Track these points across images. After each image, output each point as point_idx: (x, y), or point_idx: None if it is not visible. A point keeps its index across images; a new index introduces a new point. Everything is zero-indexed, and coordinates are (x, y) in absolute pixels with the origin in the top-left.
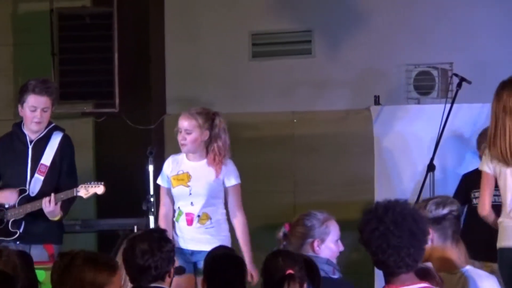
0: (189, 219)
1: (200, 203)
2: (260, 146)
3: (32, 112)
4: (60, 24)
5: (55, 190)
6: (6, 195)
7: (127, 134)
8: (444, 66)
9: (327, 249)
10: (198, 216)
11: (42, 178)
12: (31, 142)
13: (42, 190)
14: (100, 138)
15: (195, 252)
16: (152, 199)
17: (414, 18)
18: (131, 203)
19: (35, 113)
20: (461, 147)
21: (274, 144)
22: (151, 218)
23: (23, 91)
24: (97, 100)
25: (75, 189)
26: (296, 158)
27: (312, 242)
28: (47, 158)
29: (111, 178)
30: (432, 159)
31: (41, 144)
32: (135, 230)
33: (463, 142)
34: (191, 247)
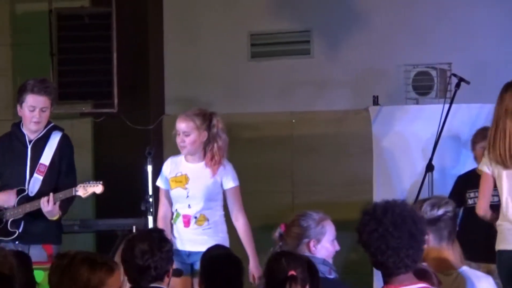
0: (186, 221)
1: (197, 206)
2: (259, 146)
3: (31, 112)
4: (59, 24)
5: (54, 190)
6: (4, 198)
7: (126, 134)
8: (442, 66)
9: (323, 249)
10: (195, 217)
11: (41, 178)
12: (30, 142)
13: (41, 190)
14: (99, 138)
15: (192, 253)
16: (150, 199)
17: (412, 18)
18: (130, 203)
19: (34, 113)
20: (459, 147)
21: (273, 144)
22: (149, 218)
23: (21, 91)
24: (96, 100)
25: (73, 188)
26: (295, 158)
27: (308, 242)
28: (46, 158)
29: (109, 178)
30: (431, 159)
31: (40, 144)
32: (134, 230)
33: (462, 142)
34: (188, 248)
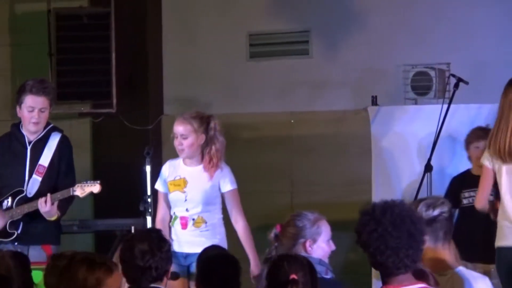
0: (183, 223)
1: (195, 209)
2: (258, 146)
3: (30, 112)
4: (58, 24)
5: (53, 191)
6: None
7: (125, 135)
8: (441, 67)
9: (319, 249)
10: (193, 219)
11: (40, 179)
12: (29, 143)
13: (40, 190)
14: (98, 139)
15: (189, 254)
16: (149, 199)
17: (411, 18)
18: (129, 204)
19: (33, 113)
20: (458, 147)
21: (272, 145)
22: (148, 218)
23: (20, 91)
24: (94, 100)
25: (71, 188)
26: (294, 158)
27: (304, 243)
28: (45, 159)
29: (108, 179)
30: (430, 159)
31: (39, 145)
32: (132, 230)
33: (461, 142)
34: (186, 250)
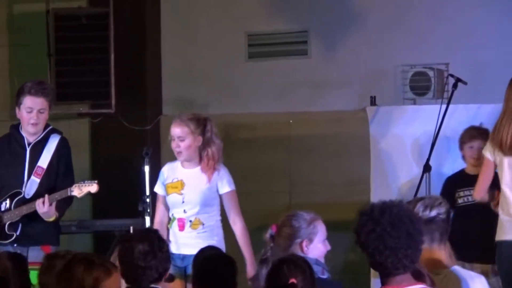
0: (180, 224)
1: (192, 211)
2: (256, 146)
3: (29, 113)
4: (56, 25)
5: (51, 192)
6: None
7: (123, 135)
8: (440, 67)
9: (316, 249)
10: (190, 221)
11: (38, 181)
12: (29, 144)
13: (38, 192)
14: (96, 139)
15: (186, 256)
16: (148, 199)
17: (410, 19)
18: (127, 204)
19: (32, 114)
20: (457, 147)
21: (271, 145)
22: (147, 218)
23: (19, 93)
24: (93, 100)
25: (69, 189)
26: (293, 159)
27: (301, 242)
28: (44, 161)
29: (107, 179)
30: (428, 159)
31: (38, 147)
32: (131, 231)
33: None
34: (183, 251)
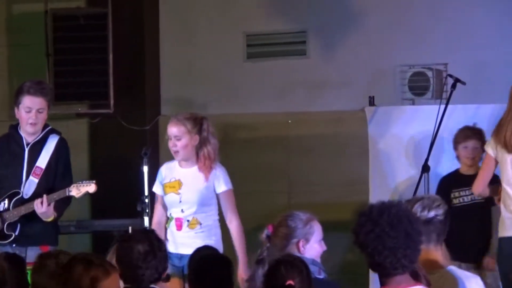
0: (178, 224)
1: (190, 210)
2: (255, 146)
3: (27, 113)
4: (55, 25)
5: (49, 192)
6: None
7: (122, 135)
8: (438, 67)
9: (312, 249)
10: (188, 220)
11: (36, 181)
12: (27, 145)
13: (36, 192)
14: (95, 139)
15: (184, 256)
16: (146, 200)
17: (408, 19)
18: (126, 204)
19: (30, 114)
20: None
21: (270, 145)
22: (145, 219)
23: (18, 93)
24: (92, 101)
25: (67, 189)
26: (291, 159)
27: (298, 243)
28: (43, 161)
29: (105, 179)
30: (427, 160)
31: (37, 147)
32: (130, 231)
33: None
34: (181, 251)
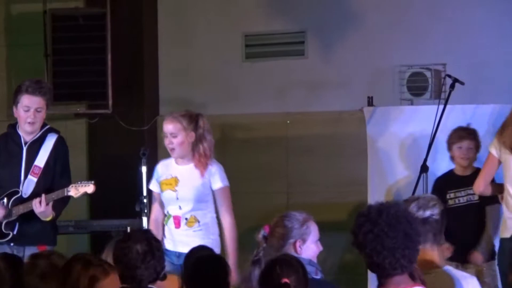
0: (176, 222)
1: (187, 207)
2: (254, 147)
3: (26, 112)
4: (54, 25)
5: (48, 191)
6: None
7: (120, 135)
8: (437, 67)
9: (309, 249)
10: (186, 218)
11: (35, 180)
12: (25, 143)
13: (35, 191)
14: (93, 139)
15: (182, 254)
16: (145, 200)
17: (407, 19)
18: (124, 204)
19: (29, 113)
20: None
21: (268, 145)
22: (144, 219)
23: (17, 92)
24: (90, 101)
25: (65, 189)
26: (290, 159)
27: (294, 243)
28: (41, 160)
29: (104, 179)
30: (425, 160)
31: (35, 146)
32: (128, 231)
33: None
34: (179, 249)
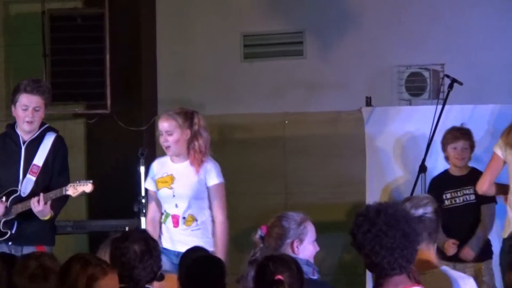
0: (175, 221)
1: (184, 205)
2: (252, 147)
3: (24, 111)
4: (52, 25)
5: (46, 190)
6: None
7: (119, 135)
8: (435, 67)
9: (306, 249)
10: (184, 218)
11: (34, 179)
12: (24, 143)
13: (34, 190)
14: (92, 139)
15: (181, 253)
16: (143, 200)
17: (405, 19)
18: (123, 204)
19: (27, 112)
20: None
21: (266, 146)
22: (142, 219)
23: (15, 91)
24: (88, 101)
25: (63, 188)
26: (288, 160)
27: (292, 243)
28: (40, 159)
29: (102, 179)
30: (424, 160)
31: (34, 145)
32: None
33: None
34: (178, 249)
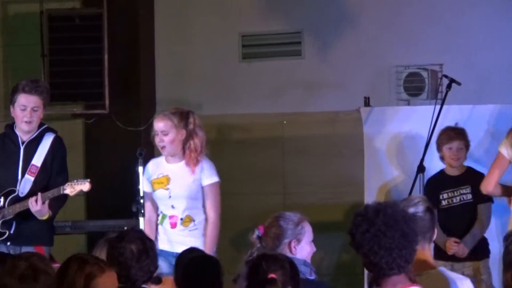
0: (172, 222)
1: (181, 206)
2: (250, 147)
3: (22, 111)
4: (50, 26)
5: (45, 190)
6: None
7: (117, 136)
8: (434, 68)
9: (303, 250)
10: (181, 219)
11: (32, 179)
12: (23, 143)
13: (32, 190)
14: (90, 140)
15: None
16: (141, 200)
17: (404, 19)
18: (121, 205)
19: (25, 112)
20: None
21: (264, 146)
22: (141, 219)
23: (14, 91)
24: (87, 101)
25: (61, 187)
26: (286, 160)
27: (289, 243)
28: (38, 159)
29: (101, 180)
30: (422, 160)
31: (32, 145)
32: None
33: None
34: (176, 250)
